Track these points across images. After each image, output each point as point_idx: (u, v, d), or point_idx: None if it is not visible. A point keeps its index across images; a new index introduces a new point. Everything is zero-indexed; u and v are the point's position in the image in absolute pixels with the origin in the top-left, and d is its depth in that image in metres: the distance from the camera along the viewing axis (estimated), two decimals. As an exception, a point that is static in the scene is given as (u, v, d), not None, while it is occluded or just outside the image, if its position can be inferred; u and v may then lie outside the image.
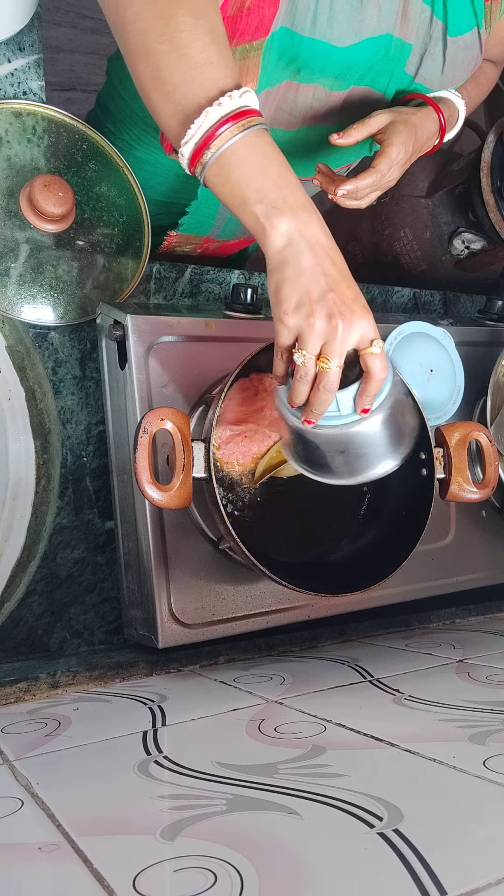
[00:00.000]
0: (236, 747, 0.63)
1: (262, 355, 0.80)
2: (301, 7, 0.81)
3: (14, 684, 0.80)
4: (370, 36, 0.86)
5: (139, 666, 0.87)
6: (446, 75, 0.95)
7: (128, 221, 0.96)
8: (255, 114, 0.66)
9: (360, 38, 0.86)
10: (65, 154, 0.93)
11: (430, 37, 0.91)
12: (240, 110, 0.65)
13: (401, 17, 0.88)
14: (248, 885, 0.41)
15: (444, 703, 0.70)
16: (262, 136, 0.66)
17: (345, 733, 0.64)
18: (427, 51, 0.92)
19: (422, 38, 0.91)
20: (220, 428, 0.86)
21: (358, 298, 0.68)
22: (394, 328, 1.02)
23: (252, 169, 0.65)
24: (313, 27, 0.82)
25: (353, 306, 0.67)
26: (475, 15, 0.92)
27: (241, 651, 0.92)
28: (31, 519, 0.90)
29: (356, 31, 0.85)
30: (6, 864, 0.46)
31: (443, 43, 0.92)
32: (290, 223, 0.65)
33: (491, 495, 0.89)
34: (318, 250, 0.66)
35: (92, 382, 0.96)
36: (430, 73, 0.94)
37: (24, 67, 0.93)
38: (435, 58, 0.93)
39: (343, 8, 0.83)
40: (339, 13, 0.83)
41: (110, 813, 0.52)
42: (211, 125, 0.64)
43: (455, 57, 0.93)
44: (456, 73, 0.96)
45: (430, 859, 0.43)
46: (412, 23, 0.89)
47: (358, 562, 0.88)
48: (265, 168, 0.66)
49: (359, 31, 0.85)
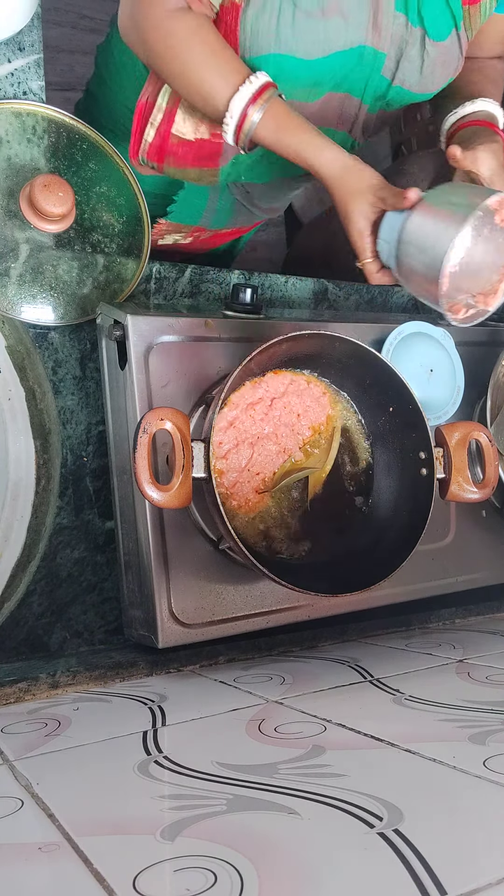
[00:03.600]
0: (236, 747, 0.63)
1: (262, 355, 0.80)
2: (262, 29, 0.86)
3: (14, 684, 0.80)
4: (340, 49, 0.88)
5: (139, 666, 0.86)
6: (426, 77, 0.96)
7: (128, 221, 0.96)
8: (272, 86, 0.85)
9: (329, 52, 0.88)
10: (65, 154, 0.93)
11: (405, 42, 0.92)
12: (262, 86, 0.84)
13: (371, 26, 0.89)
14: (248, 885, 0.41)
15: (444, 703, 0.70)
16: (279, 102, 0.85)
17: (345, 733, 0.64)
18: (404, 55, 0.93)
19: (397, 45, 0.92)
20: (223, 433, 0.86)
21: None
22: (394, 328, 1.02)
23: (287, 123, 0.85)
24: (277, 43, 0.87)
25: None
26: (453, 17, 0.93)
27: (241, 651, 0.92)
28: (31, 519, 0.90)
29: (323, 46, 0.87)
30: (6, 864, 0.46)
31: (421, 47, 0.93)
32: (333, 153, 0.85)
33: (491, 495, 0.89)
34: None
35: (92, 382, 0.96)
36: (409, 76, 0.95)
37: (24, 67, 0.93)
38: (412, 61, 0.94)
39: (304, 22, 0.86)
40: (302, 26, 0.86)
41: (110, 813, 0.52)
42: (248, 96, 0.83)
43: (433, 60, 0.94)
44: (435, 75, 0.97)
45: (430, 859, 0.43)
46: (384, 31, 0.90)
47: (358, 561, 0.88)
48: (295, 122, 0.85)
49: (326, 46, 0.87)
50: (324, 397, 0.92)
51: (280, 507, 0.89)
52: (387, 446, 0.92)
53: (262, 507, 0.88)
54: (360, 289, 1.20)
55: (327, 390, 0.92)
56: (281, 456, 0.89)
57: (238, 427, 0.86)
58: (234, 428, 0.86)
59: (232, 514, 0.86)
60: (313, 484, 0.90)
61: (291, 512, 0.89)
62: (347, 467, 0.93)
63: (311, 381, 0.92)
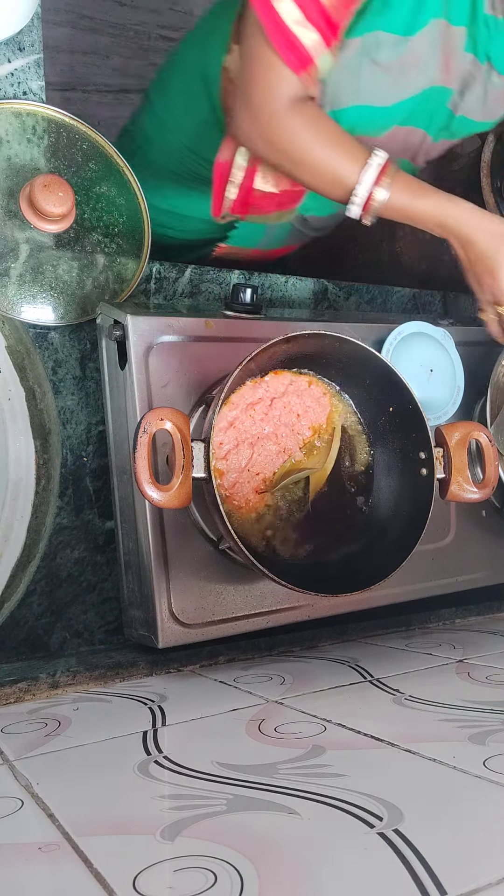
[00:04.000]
0: (236, 747, 0.63)
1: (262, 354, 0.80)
2: (343, 85, 0.90)
3: (14, 684, 0.80)
4: (413, 94, 0.93)
5: (139, 666, 0.87)
6: (489, 107, 1.00)
7: (128, 221, 0.96)
8: (392, 161, 0.88)
9: (404, 98, 0.93)
10: (65, 154, 0.93)
11: (472, 77, 0.96)
12: (385, 162, 0.88)
13: (443, 68, 0.93)
14: (248, 885, 0.41)
15: (444, 703, 0.70)
16: (401, 172, 0.89)
17: (345, 733, 0.64)
18: (469, 88, 0.97)
19: (464, 80, 0.95)
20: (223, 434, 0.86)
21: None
22: (394, 328, 1.02)
23: (419, 191, 0.89)
24: (356, 95, 0.91)
25: None
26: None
27: (241, 651, 0.92)
28: (31, 519, 0.90)
29: (399, 94, 0.92)
30: (6, 864, 0.46)
31: (486, 79, 0.96)
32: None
33: (491, 495, 0.89)
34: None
35: (92, 382, 0.96)
36: (473, 107, 0.98)
37: (24, 67, 0.93)
38: (476, 94, 0.97)
39: (383, 75, 0.90)
40: (380, 79, 0.90)
41: (110, 813, 0.52)
42: (374, 176, 0.87)
43: (498, 90, 0.97)
44: (499, 104, 1.00)
45: (430, 859, 0.43)
46: (454, 71, 0.94)
47: (358, 561, 0.88)
48: (424, 187, 0.90)
49: (401, 93, 0.92)
50: (324, 398, 0.92)
51: (280, 508, 0.89)
52: (387, 446, 0.92)
53: (263, 508, 0.88)
54: (360, 289, 1.20)
55: (328, 391, 0.92)
56: (281, 456, 0.89)
57: (238, 427, 0.87)
58: (234, 428, 0.86)
59: (232, 514, 0.85)
60: (314, 484, 0.90)
61: (292, 512, 0.89)
62: (347, 467, 0.93)
63: (313, 381, 0.92)
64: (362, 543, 0.90)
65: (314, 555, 0.90)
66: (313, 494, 0.90)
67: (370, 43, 0.89)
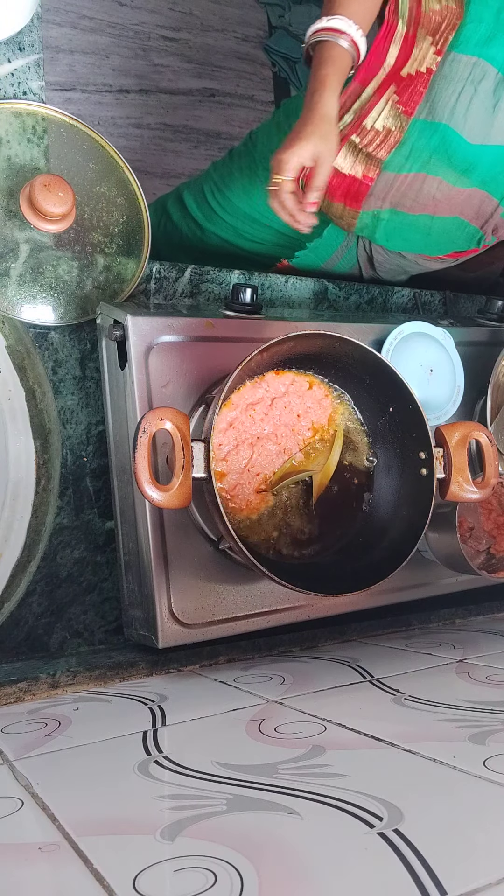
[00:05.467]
0: (236, 747, 0.63)
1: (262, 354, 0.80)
2: (441, 100, 0.95)
3: (14, 684, 0.80)
4: (498, 143, 0.96)
5: (139, 666, 0.87)
6: None
7: (128, 221, 0.96)
8: (331, 31, 0.92)
9: (489, 142, 0.96)
10: (65, 154, 0.93)
11: None
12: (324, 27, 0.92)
13: None
14: (248, 885, 0.41)
15: (444, 703, 0.70)
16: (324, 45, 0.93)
17: (345, 733, 0.64)
18: None
19: None
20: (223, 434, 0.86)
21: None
22: (394, 328, 1.02)
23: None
24: (450, 116, 0.95)
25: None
26: None
27: (241, 651, 0.92)
28: (31, 519, 0.90)
29: (485, 133, 0.95)
30: (6, 864, 0.46)
31: None
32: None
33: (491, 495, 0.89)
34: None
35: (92, 382, 0.96)
36: None
37: (24, 67, 0.93)
38: None
39: (478, 108, 0.94)
40: (474, 111, 0.94)
41: (110, 813, 0.52)
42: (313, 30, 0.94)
43: None
44: None
45: (430, 859, 0.43)
46: None
47: (358, 562, 0.88)
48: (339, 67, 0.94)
49: (487, 135, 0.95)
50: (326, 399, 0.92)
51: (281, 508, 0.89)
52: (387, 446, 0.92)
53: (263, 508, 0.88)
54: (359, 289, 1.20)
55: (329, 392, 0.92)
56: (281, 456, 0.89)
57: (238, 427, 0.87)
58: (233, 428, 0.86)
59: (233, 514, 0.85)
60: (318, 486, 0.90)
61: (292, 512, 0.89)
62: (347, 467, 0.93)
63: (314, 382, 0.92)
64: (362, 543, 0.90)
65: (314, 555, 0.90)
66: (316, 497, 0.90)
67: (477, 69, 0.92)
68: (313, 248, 1.17)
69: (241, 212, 1.17)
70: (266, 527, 0.88)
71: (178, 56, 2.26)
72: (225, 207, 1.18)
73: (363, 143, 1.00)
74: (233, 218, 1.18)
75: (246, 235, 1.19)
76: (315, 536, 0.91)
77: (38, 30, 0.94)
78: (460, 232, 1.08)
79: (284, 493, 0.89)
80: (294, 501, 0.90)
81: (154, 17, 2.23)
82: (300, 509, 0.90)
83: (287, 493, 0.89)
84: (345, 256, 1.18)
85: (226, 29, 2.36)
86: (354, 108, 1.00)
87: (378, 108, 0.99)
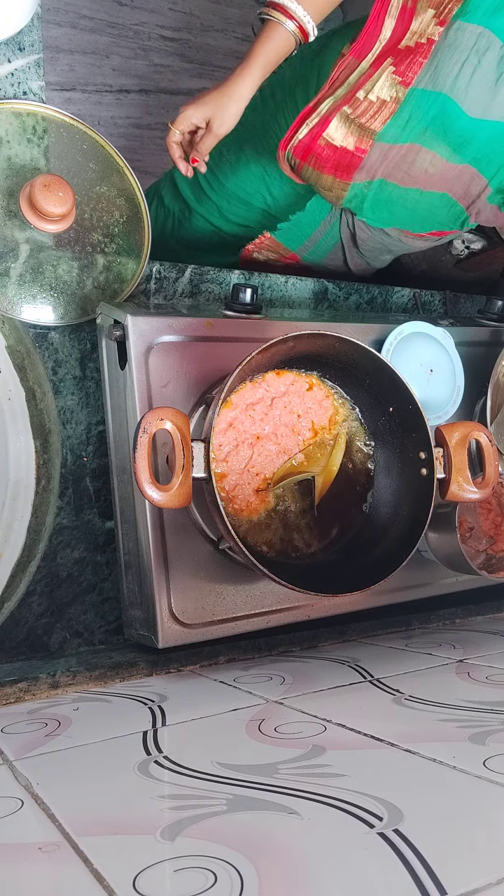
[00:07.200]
0: (236, 747, 0.63)
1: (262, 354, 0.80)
2: (444, 69, 0.93)
3: (14, 684, 0.80)
4: (497, 119, 0.94)
5: (139, 666, 0.86)
6: None
7: (128, 221, 0.96)
8: (278, 8, 0.96)
9: (487, 117, 0.94)
10: (65, 154, 0.93)
11: None
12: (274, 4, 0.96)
13: None
14: (248, 885, 0.41)
15: (444, 703, 0.70)
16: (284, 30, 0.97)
17: (345, 733, 0.64)
18: None
19: None
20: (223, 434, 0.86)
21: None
22: (394, 328, 1.02)
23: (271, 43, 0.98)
24: (452, 86, 0.93)
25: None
26: None
27: (241, 651, 0.92)
28: (31, 519, 0.90)
29: (485, 107, 0.94)
30: (6, 864, 0.46)
31: None
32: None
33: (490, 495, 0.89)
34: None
35: (92, 382, 0.96)
36: None
37: (24, 67, 0.93)
38: None
39: (480, 80, 0.92)
40: (476, 83, 0.92)
41: (110, 813, 0.52)
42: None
43: None
44: None
45: (430, 859, 0.43)
46: None
47: (358, 561, 0.88)
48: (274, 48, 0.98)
49: (487, 109, 0.94)
50: (326, 400, 0.92)
51: (281, 508, 0.89)
52: (387, 446, 0.92)
53: (263, 509, 0.88)
54: (359, 289, 1.20)
55: (330, 393, 0.92)
56: (281, 456, 0.89)
57: (237, 427, 0.87)
58: (233, 429, 0.86)
59: (233, 515, 0.85)
60: (321, 488, 0.90)
61: (292, 513, 0.89)
62: (348, 467, 0.93)
63: (314, 383, 0.92)
64: (362, 543, 0.90)
65: (314, 555, 0.90)
66: (319, 498, 0.90)
67: (482, 40, 0.91)
68: (296, 220, 1.17)
69: (227, 190, 1.18)
70: (266, 527, 0.88)
71: (178, 56, 2.26)
72: (213, 186, 1.19)
73: (355, 113, 0.98)
74: (219, 197, 1.19)
75: (231, 217, 1.20)
76: (315, 536, 0.90)
77: (38, 30, 0.94)
78: (446, 210, 1.06)
79: (286, 493, 0.89)
80: (294, 502, 0.90)
81: (154, 17, 2.23)
82: (300, 510, 0.90)
83: (287, 494, 0.89)
84: (328, 232, 1.18)
85: (226, 29, 2.35)
86: (350, 80, 0.99)
87: (373, 80, 0.97)
